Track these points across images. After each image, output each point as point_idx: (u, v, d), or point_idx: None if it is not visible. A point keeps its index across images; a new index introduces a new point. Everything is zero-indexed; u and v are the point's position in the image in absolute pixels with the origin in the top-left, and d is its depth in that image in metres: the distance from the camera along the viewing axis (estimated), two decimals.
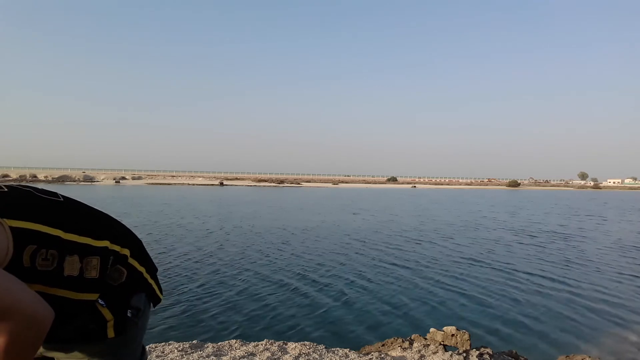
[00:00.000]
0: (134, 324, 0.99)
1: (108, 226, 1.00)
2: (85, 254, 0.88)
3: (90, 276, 0.89)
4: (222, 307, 5.75)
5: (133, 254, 1.01)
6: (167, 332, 4.71)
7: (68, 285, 0.85)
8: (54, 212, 0.89)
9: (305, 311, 5.71)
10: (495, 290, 7.04)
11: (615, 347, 4.79)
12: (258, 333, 4.79)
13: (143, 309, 1.03)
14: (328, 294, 6.53)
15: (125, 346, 0.99)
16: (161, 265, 8.24)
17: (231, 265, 8.39)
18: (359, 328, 5.16)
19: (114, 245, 0.96)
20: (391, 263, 9.04)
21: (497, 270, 8.59)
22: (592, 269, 8.95)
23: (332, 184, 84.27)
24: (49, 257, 0.82)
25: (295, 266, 8.49)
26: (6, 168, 72.39)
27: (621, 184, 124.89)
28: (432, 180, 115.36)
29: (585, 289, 7.28)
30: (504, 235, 14.12)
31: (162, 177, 79.21)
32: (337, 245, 11.17)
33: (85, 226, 0.92)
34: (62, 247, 0.85)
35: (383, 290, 6.86)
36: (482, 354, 3.30)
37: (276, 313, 5.60)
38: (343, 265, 8.70)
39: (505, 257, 10.03)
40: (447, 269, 8.52)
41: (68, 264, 0.85)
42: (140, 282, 1.02)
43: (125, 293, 0.97)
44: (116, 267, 0.95)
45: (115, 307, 0.94)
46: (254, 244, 11.05)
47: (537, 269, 8.73)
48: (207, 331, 4.86)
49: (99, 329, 0.92)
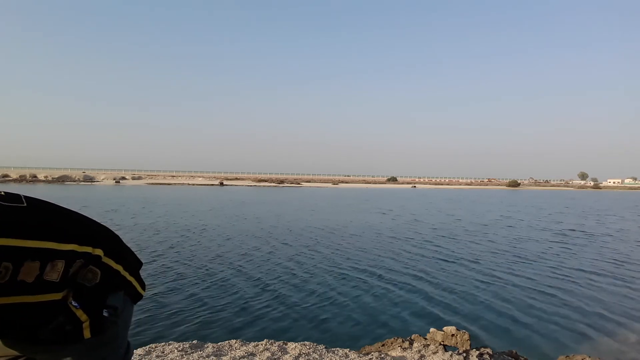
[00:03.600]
0: (113, 323, 0.98)
1: (77, 227, 0.97)
2: (48, 259, 0.86)
3: (49, 279, 0.86)
4: (222, 307, 5.75)
5: (107, 253, 0.99)
6: (167, 332, 4.71)
7: (23, 291, 0.83)
8: (14, 220, 0.85)
9: (306, 311, 5.71)
10: (495, 290, 7.04)
11: (615, 347, 4.79)
12: (258, 333, 4.79)
13: (122, 307, 1.01)
14: (329, 294, 6.53)
15: (105, 346, 0.99)
16: (165, 265, 8.25)
17: (232, 265, 8.40)
18: (359, 328, 5.17)
19: (84, 246, 0.93)
20: (392, 263, 9.05)
21: (497, 269, 8.60)
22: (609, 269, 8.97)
23: (332, 184, 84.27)
24: (1, 270, 0.78)
25: (297, 267, 8.50)
26: (6, 168, 72.38)
27: (621, 184, 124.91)
28: (432, 180, 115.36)
29: (585, 289, 7.29)
30: (548, 237, 14.13)
31: (162, 177, 79.20)
32: (367, 247, 11.18)
33: (49, 230, 0.89)
34: (20, 257, 0.81)
35: (384, 290, 6.87)
36: (482, 354, 3.30)
37: (276, 313, 5.60)
38: (358, 265, 8.71)
39: (504, 256, 10.04)
40: (448, 269, 8.53)
41: (25, 270, 0.82)
42: (117, 280, 1.01)
43: (101, 293, 0.96)
44: (89, 268, 0.93)
45: (90, 308, 0.93)
46: (270, 245, 11.06)
47: (540, 269, 8.75)
48: (207, 331, 4.86)
49: (75, 330, 0.91)
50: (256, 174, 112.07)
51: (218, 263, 8.60)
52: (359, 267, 8.51)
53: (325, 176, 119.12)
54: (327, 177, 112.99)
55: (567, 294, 6.89)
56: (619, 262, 9.73)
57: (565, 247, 11.93)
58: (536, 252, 10.92)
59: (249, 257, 9.26)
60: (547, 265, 9.23)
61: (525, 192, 70.21)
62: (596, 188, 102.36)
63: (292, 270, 8.09)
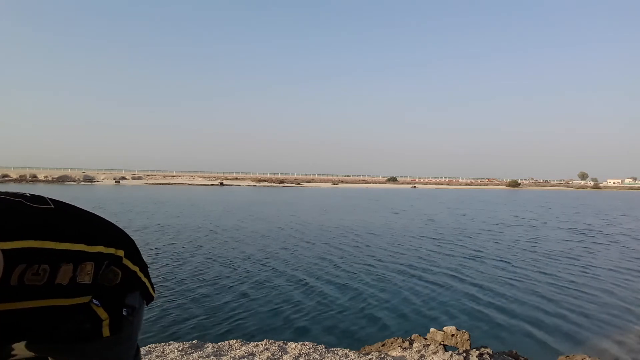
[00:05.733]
0: (129, 323, 0.99)
1: (101, 229, 1.00)
2: (79, 261, 0.87)
3: (82, 282, 0.88)
4: (222, 307, 5.75)
5: (127, 254, 1.01)
6: (167, 332, 4.71)
7: (58, 294, 0.84)
8: (46, 222, 0.87)
9: (305, 311, 5.71)
10: (495, 290, 7.04)
11: (615, 347, 4.79)
12: (258, 333, 4.79)
13: (138, 307, 1.03)
14: (330, 295, 6.53)
15: (120, 344, 0.99)
16: (167, 266, 8.25)
17: (233, 266, 8.40)
18: (359, 328, 5.17)
19: (109, 248, 0.95)
20: (392, 263, 9.05)
21: (498, 270, 8.60)
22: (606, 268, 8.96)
23: (332, 184, 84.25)
24: (40, 272, 0.80)
25: (299, 267, 8.50)
26: (6, 168, 72.39)
27: (621, 184, 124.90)
28: (431, 180, 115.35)
29: (584, 287, 7.30)
30: (568, 236, 14.13)
31: (162, 177, 79.21)
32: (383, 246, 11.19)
33: (78, 232, 0.91)
34: (55, 259, 0.83)
35: (385, 290, 6.87)
36: (482, 354, 3.29)
37: (277, 313, 5.60)
38: (355, 265, 8.71)
39: (507, 254, 10.04)
40: (449, 269, 8.53)
41: (61, 273, 0.83)
42: (134, 281, 1.03)
43: (121, 292, 0.98)
44: (111, 269, 0.95)
45: (111, 307, 0.94)
46: (269, 245, 11.07)
47: (543, 269, 8.75)
48: (207, 331, 4.86)
49: (94, 328, 0.92)
50: (256, 174, 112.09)
51: (220, 264, 8.61)
52: (365, 267, 8.52)
53: (325, 176, 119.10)
54: (327, 177, 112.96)
55: (567, 294, 6.90)
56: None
57: (585, 247, 11.93)
58: (545, 251, 10.94)
59: (252, 257, 9.27)
60: (569, 264, 9.24)
61: (526, 192, 70.15)
62: (596, 188, 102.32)
63: (299, 279, 8.10)
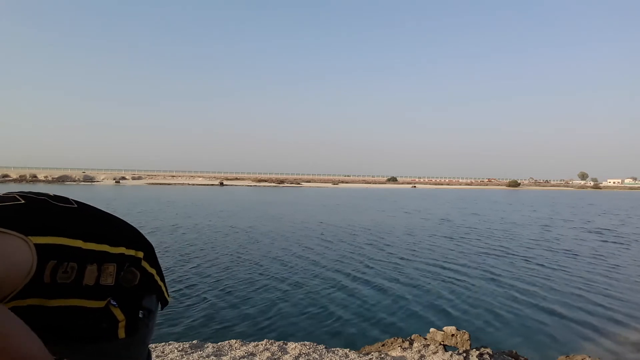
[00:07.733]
0: (145, 325, 0.98)
1: (122, 230, 1.00)
2: (102, 262, 0.87)
3: (106, 283, 0.87)
4: (222, 307, 5.75)
5: (145, 257, 1.01)
6: (167, 332, 4.71)
7: (85, 295, 0.84)
8: (72, 221, 0.87)
9: (305, 311, 5.71)
10: (495, 290, 7.04)
11: (615, 347, 4.79)
12: (258, 333, 4.79)
13: (153, 310, 1.03)
14: (330, 294, 6.54)
15: (134, 347, 0.98)
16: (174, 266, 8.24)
17: (227, 266, 8.41)
18: (359, 328, 5.17)
19: (130, 249, 0.95)
20: (393, 263, 9.06)
21: (499, 268, 8.60)
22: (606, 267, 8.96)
23: (332, 184, 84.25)
24: (69, 270, 0.80)
25: (300, 267, 8.50)
26: (6, 168, 72.38)
27: (621, 184, 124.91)
28: (432, 180, 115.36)
29: (584, 288, 7.30)
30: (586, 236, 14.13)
31: (162, 177, 79.21)
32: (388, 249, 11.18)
33: (102, 233, 0.91)
34: (82, 258, 0.83)
35: (385, 290, 6.87)
36: (482, 354, 3.29)
37: (276, 313, 5.60)
38: (354, 267, 8.72)
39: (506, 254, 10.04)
40: (450, 269, 8.53)
41: (87, 273, 0.83)
42: (151, 284, 1.02)
43: (138, 294, 0.97)
44: (130, 270, 0.95)
45: (128, 308, 0.94)
46: (273, 245, 11.07)
47: (542, 269, 8.75)
48: (207, 331, 4.86)
49: (111, 329, 0.91)
50: (256, 174, 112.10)
51: (219, 265, 8.62)
52: (364, 266, 8.52)
53: (324, 176, 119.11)
54: (327, 177, 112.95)
55: (568, 294, 6.90)
56: None
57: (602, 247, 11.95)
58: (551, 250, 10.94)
59: (253, 257, 9.27)
60: (578, 264, 9.24)
61: (526, 192, 70.15)
62: (596, 188, 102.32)
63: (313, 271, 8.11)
